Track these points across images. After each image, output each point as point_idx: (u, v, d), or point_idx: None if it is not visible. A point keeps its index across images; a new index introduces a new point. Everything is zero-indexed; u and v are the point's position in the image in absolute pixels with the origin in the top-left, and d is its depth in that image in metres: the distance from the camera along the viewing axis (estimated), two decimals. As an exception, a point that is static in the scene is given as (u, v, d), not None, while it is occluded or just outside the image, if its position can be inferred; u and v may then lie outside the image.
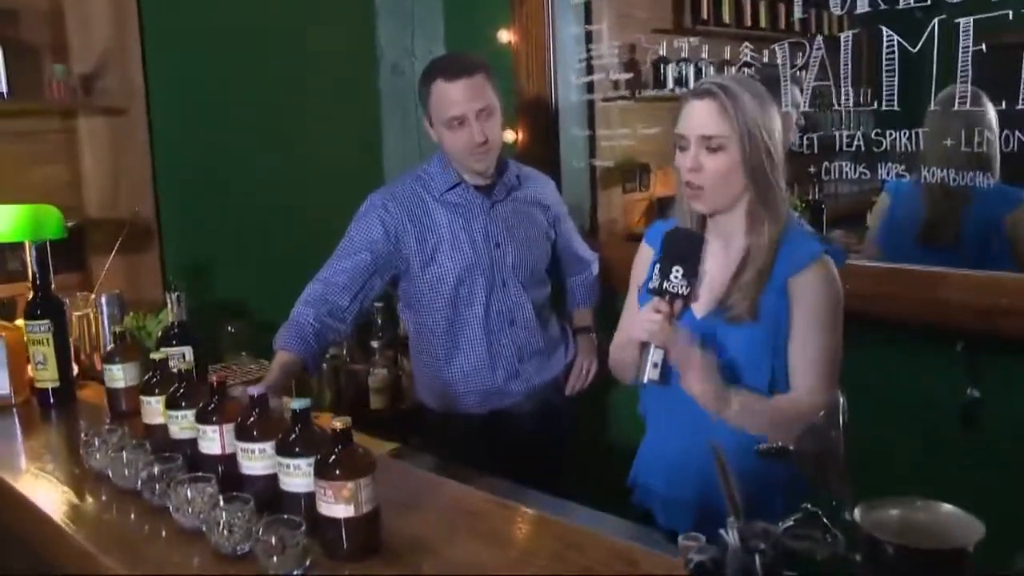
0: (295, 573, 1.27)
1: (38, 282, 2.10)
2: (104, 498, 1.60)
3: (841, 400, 0.98)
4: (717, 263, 1.78)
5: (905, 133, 2.29)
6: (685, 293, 1.69)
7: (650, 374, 1.70)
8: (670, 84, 3.46)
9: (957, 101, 2.17)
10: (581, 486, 2.47)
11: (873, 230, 2.70)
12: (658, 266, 1.71)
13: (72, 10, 2.82)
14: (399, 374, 2.92)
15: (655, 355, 1.69)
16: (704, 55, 3.37)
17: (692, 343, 1.65)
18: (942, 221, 2.49)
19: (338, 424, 1.31)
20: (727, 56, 3.14)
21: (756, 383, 1.71)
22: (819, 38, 2.44)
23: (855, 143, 2.44)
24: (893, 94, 2.29)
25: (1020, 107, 2.08)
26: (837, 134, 2.48)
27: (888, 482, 2.26)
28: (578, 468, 2.59)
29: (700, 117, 1.69)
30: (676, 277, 1.69)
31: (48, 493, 1.65)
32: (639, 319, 1.71)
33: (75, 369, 2.28)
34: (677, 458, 1.81)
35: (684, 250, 1.72)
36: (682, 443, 1.77)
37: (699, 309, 1.78)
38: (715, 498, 1.40)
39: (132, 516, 1.52)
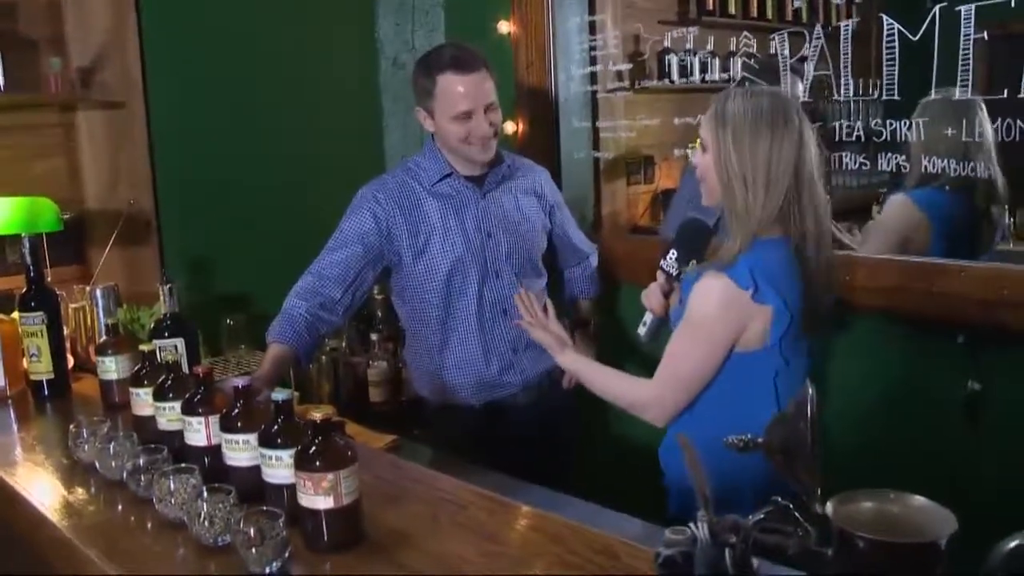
0: (275, 564, 1.26)
1: (32, 274, 2.10)
2: (92, 490, 1.60)
3: (811, 392, 0.95)
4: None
5: (906, 123, 2.27)
6: (675, 273, 1.90)
7: (639, 329, 2.01)
8: (674, 75, 3.43)
9: (958, 90, 2.14)
10: (580, 479, 2.47)
11: (895, 249, 2.46)
12: (670, 246, 1.94)
13: (70, 4, 2.83)
14: (399, 367, 2.91)
15: (646, 316, 1.98)
16: (709, 46, 3.34)
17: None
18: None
19: (317, 415, 1.30)
20: (732, 47, 3.11)
21: None
22: (818, 27, 2.41)
23: (855, 133, 2.41)
24: (894, 83, 2.26)
25: (1023, 96, 2.05)
26: (837, 124, 2.45)
27: (887, 474, 2.24)
28: (577, 461, 2.58)
29: (703, 119, 1.80)
30: (670, 258, 1.91)
31: (37, 484, 1.65)
32: (652, 284, 1.96)
33: (71, 361, 2.28)
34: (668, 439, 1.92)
35: (688, 238, 1.93)
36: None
37: None
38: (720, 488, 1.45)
39: (118, 507, 1.52)
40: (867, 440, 2.33)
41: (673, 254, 1.90)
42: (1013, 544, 0.88)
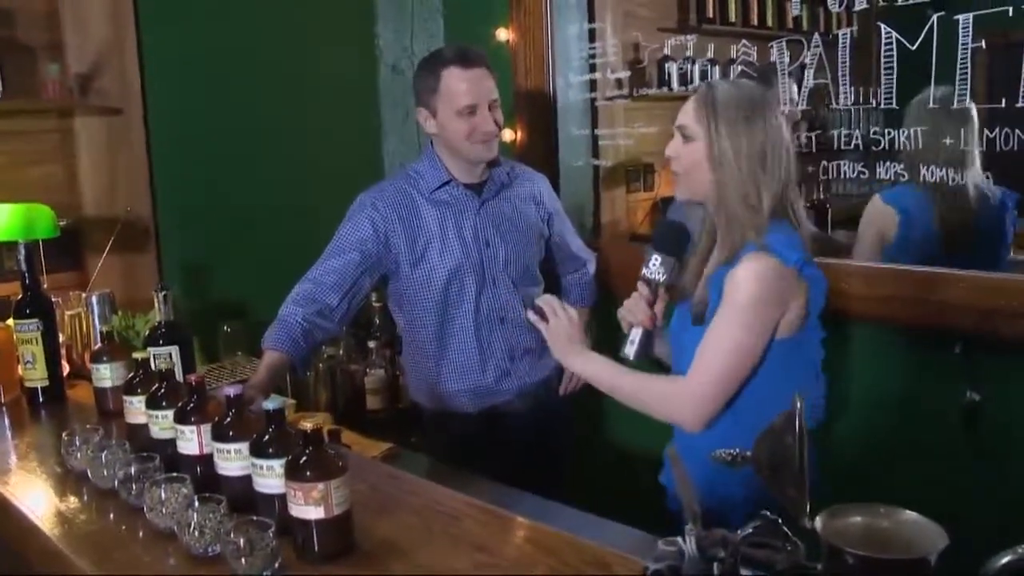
0: (264, 575, 1.26)
1: (27, 281, 2.10)
2: (84, 498, 1.60)
3: (799, 405, 0.95)
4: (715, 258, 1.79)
5: (904, 132, 2.26)
6: (661, 280, 1.78)
7: (626, 349, 1.83)
8: (674, 83, 3.43)
9: (956, 99, 2.14)
10: (576, 487, 2.46)
11: (876, 247, 2.50)
12: (648, 251, 1.81)
13: (68, 10, 2.83)
14: (396, 374, 2.91)
15: (633, 333, 1.81)
16: (709, 54, 3.34)
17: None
18: (957, 230, 2.41)
19: (308, 424, 1.29)
20: (732, 55, 3.12)
21: None
22: (817, 35, 2.41)
23: (853, 142, 2.41)
24: (892, 92, 2.26)
25: (1020, 105, 2.04)
26: (836, 133, 2.45)
27: (884, 484, 2.23)
28: (573, 469, 2.57)
29: (683, 109, 1.75)
30: (654, 264, 1.78)
31: (29, 492, 1.65)
32: (628, 301, 1.81)
33: (66, 368, 2.28)
34: (687, 447, 1.81)
35: (667, 240, 1.81)
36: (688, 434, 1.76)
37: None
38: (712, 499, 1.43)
39: (110, 516, 1.52)
40: (864, 450, 2.32)
41: (656, 260, 1.78)
42: (1005, 560, 0.88)
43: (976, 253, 2.39)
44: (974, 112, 2.17)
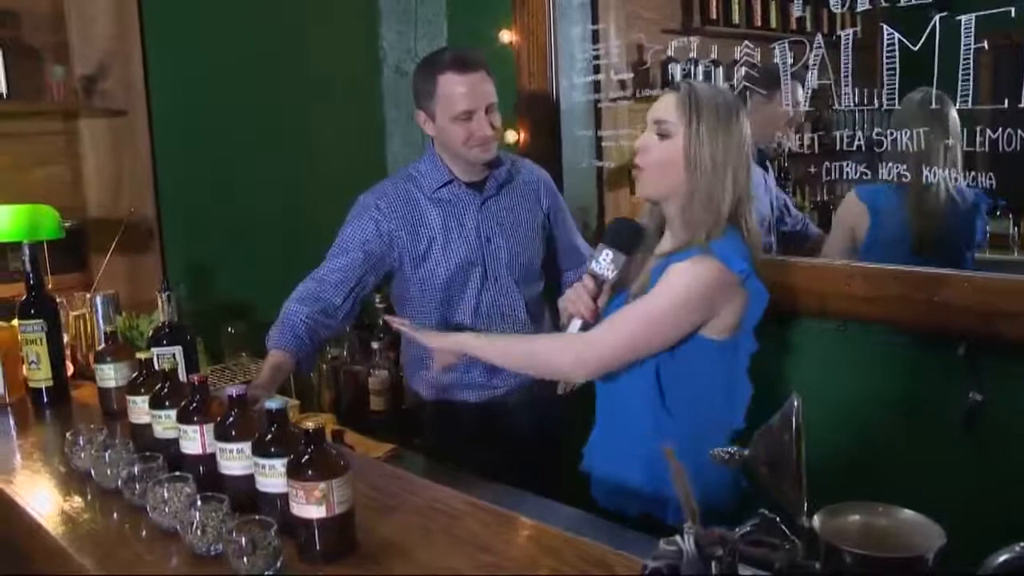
0: (266, 574, 1.26)
1: (31, 282, 2.11)
2: (88, 498, 1.60)
3: (796, 404, 0.95)
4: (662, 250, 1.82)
5: (906, 133, 2.26)
6: (608, 276, 1.78)
7: None
8: (678, 85, 3.42)
9: (959, 100, 2.13)
10: (573, 481, 2.46)
11: (846, 244, 2.54)
12: (600, 246, 1.81)
13: (73, 12, 2.85)
14: (400, 375, 2.91)
15: (572, 326, 1.81)
16: (713, 55, 3.34)
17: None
18: (929, 230, 2.42)
19: (310, 424, 1.30)
20: (736, 56, 3.12)
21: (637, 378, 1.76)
22: (819, 36, 2.41)
23: (856, 143, 2.40)
24: (894, 93, 2.26)
25: (1022, 106, 2.04)
26: (838, 134, 2.45)
27: (886, 485, 2.22)
28: (571, 464, 2.57)
29: (660, 104, 1.75)
30: (604, 260, 1.78)
31: (33, 492, 1.66)
32: (570, 291, 1.83)
33: (71, 368, 2.29)
34: (618, 443, 1.88)
35: (620, 237, 1.81)
36: (619, 428, 1.84)
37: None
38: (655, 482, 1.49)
39: (113, 516, 1.53)
40: (866, 450, 2.32)
41: (608, 255, 1.78)
42: (1003, 558, 0.88)
43: (942, 254, 2.39)
44: (953, 112, 2.17)
